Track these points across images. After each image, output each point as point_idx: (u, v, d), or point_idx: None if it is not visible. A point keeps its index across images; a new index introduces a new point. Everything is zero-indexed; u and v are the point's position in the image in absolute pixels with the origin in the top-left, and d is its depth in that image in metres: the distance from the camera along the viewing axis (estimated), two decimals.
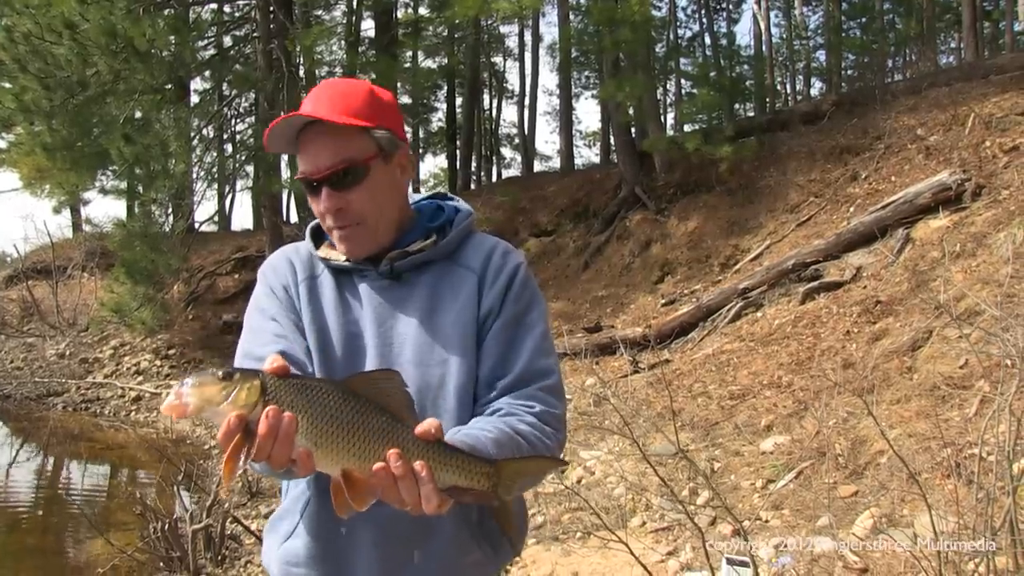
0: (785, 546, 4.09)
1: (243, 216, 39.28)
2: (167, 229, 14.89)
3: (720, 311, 9.16)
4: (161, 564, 6.01)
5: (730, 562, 3.94)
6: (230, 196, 19.97)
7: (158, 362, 15.22)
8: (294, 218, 22.19)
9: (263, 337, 1.67)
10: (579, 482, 5.41)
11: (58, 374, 15.42)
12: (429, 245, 1.70)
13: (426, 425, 1.28)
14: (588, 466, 5.42)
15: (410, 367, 1.62)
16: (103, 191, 17.05)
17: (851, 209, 9.88)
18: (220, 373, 1.19)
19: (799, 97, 26.09)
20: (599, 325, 10.54)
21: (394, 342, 1.66)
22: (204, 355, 15.04)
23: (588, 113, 50.13)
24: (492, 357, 1.64)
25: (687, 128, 15.66)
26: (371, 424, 1.22)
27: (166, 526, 5.97)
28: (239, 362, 1.62)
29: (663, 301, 10.90)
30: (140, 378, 14.76)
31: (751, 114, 20.99)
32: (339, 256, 1.73)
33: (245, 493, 7.54)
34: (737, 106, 22.32)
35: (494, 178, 28.21)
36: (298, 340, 1.67)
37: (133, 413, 13.39)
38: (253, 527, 6.27)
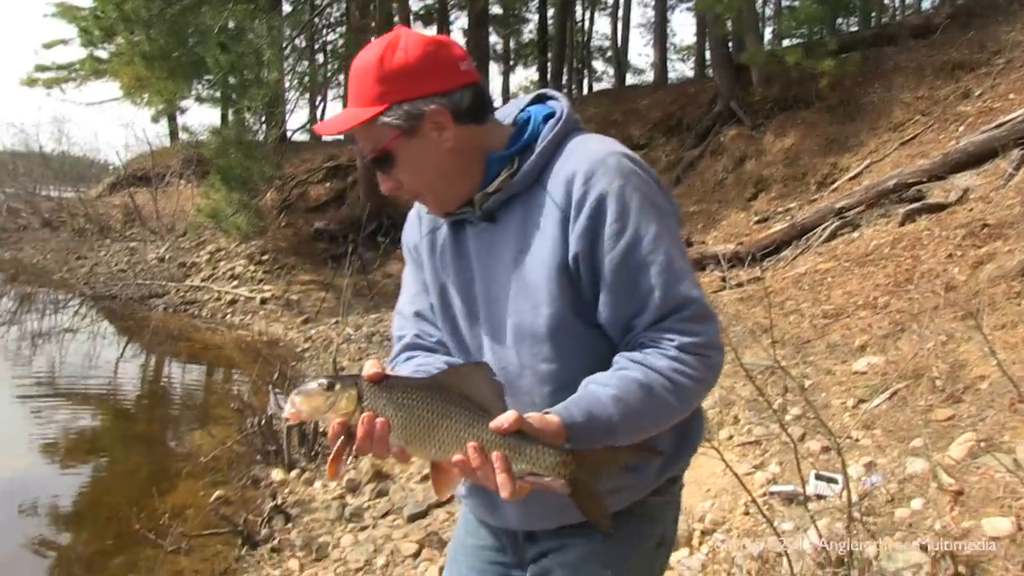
0: (875, 465, 4.04)
1: None
2: (260, 137, 15.12)
3: (815, 230, 8.92)
4: (258, 456, 6.29)
5: (819, 477, 3.92)
6: (322, 106, 20.15)
7: (252, 267, 15.65)
8: None
9: (405, 297, 1.83)
10: None
11: (158, 277, 16.02)
12: (506, 180, 1.59)
13: (500, 420, 1.34)
14: None
15: (507, 315, 1.61)
16: (199, 99, 17.33)
17: (960, 128, 9.41)
18: (325, 383, 1.37)
19: (908, 11, 24.81)
20: (689, 241, 10.40)
21: (493, 288, 1.63)
22: (296, 261, 15.40)
23: (683, 26, 48.63)
24: (619, 296, 1.52)
25: (787, 42, 15.03)
26: (452, 421, 1.36)
27: (262, 421, 6.22)
28: (398, 307, 1.84)
29: (756, 219, 10.68)
30: (235, 282, 15.23)
31: (855, 28, 20.07)
32: None
33: None
34: (840, 20, 21.34)
35: (585, 91, 27.76)
36: (426, 299, 1.77)
37: (228, 315, 13.86)
38: None
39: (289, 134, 17.50)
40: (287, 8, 16.65)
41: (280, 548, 4.92)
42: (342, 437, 1.39)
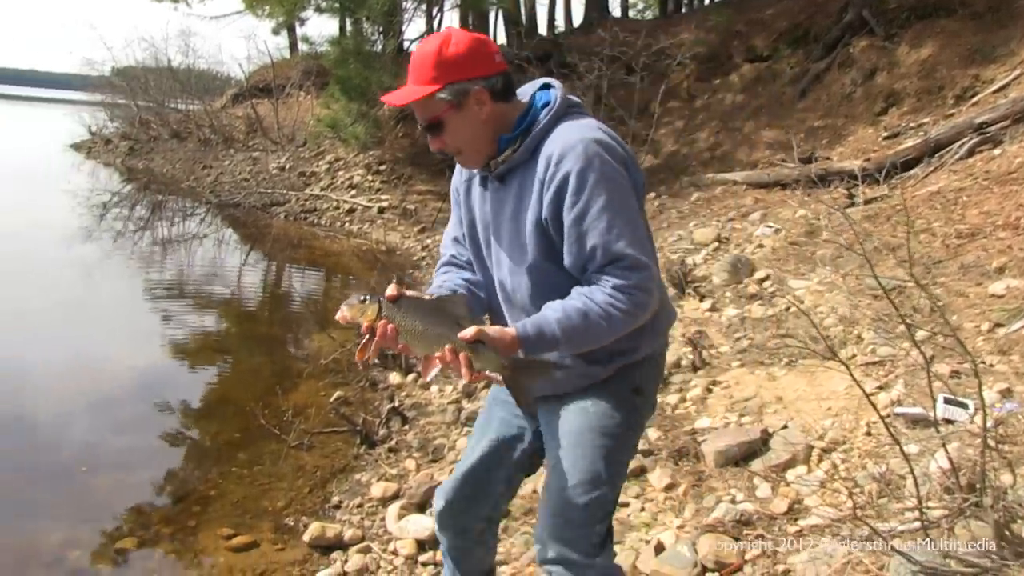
0: (1012, 392, 3.87)
1: None
2: (378, 48, 15.15)
3: (950, 146, 8.44)
4: (377, 360, 6.45)
5: (948, 401, 3.77)
6: (439, 16, 19.97)
7: (370, 177, 15.86)
8: (502, 38, 22.05)
9: (449, 226, 2.48)
10: (787, 310, 5.28)
11: (279, 186, 16.44)
12: (509, 155, 2.14)
13: (466, 332, 1.97)
14: (798, 295, 5.27)
15: (505, 257, 2.22)
16: (318, 10, 17.39)
17: None
18: (360, 298, 2.00)
19: None
20: (813, 156, 10.02)
21: (499, 232, 2.23)
22: (413, 171, 15.53)
23: None
24: (573, 252, 2.07)
25: None
26: (437, 331, 1.99)
27: None
28: (445, 231, 2.50)
29: (885, 134, 10.17)
30: (353, 191, 15.49)
31: None
32: None
33: None
34: None
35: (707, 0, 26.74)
36: (461, 229, 2.40)
37: (347, 224, 14.16)
38: None
39: (406, 44, 17.45)
40: None
41: (397, 448, 5.07)
42: (368, 336, 2.00)
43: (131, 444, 5.57)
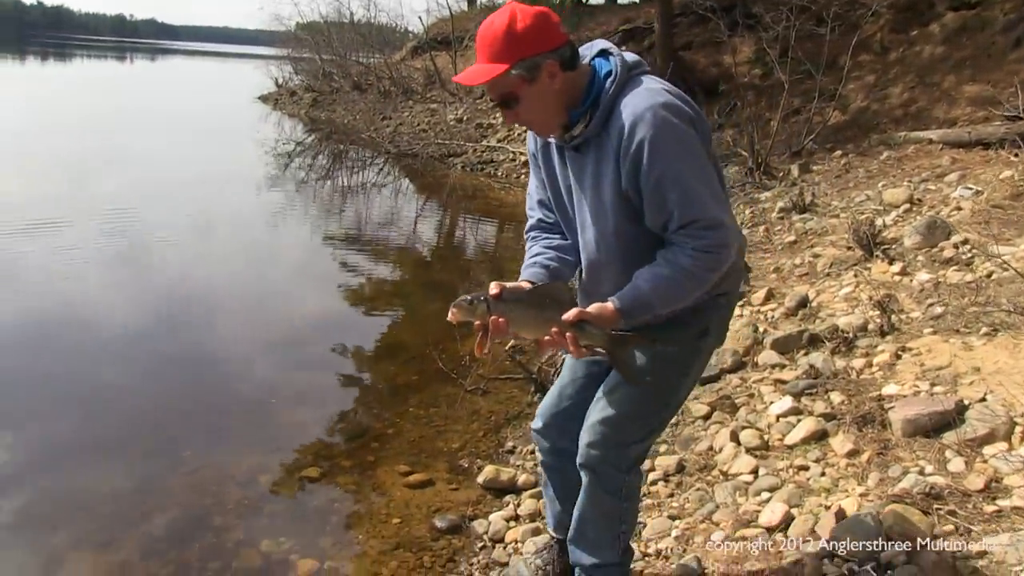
0: None
1: None
2: (556, 0, 15.05)
3: None
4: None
5: None
6: None
7: None
8: None
9: (531, 187, 2.64)
10: (988, 276, 4.93)
11: (456, 137, 16.72)
12: (582, 130, 2.25)
13: (568, 314, 2.16)
14: (1003, 261, 4.89)
15: (590, 221, 2.35)
16: None
17: None
18: (469, 299, 2.17)
19: None
20: None
21: (581, 198, 2.36)
22: None
23: None
24: (653, 213, 2.21)
25: None
26: (542, 317, 2.18)
27: None
28: (528, 191, 2.69)
29: None
30: None
31: None
32: None
33: None
34: None
35: None
36: (544, 191, 2.56)
37: (522, 176, 14.26)
38: None
39: None
40: None
41: None
42: (481, 332, 2.20)
43: (314, 382, 5.86)
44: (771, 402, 4.15)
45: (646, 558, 3.26)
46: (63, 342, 6.26)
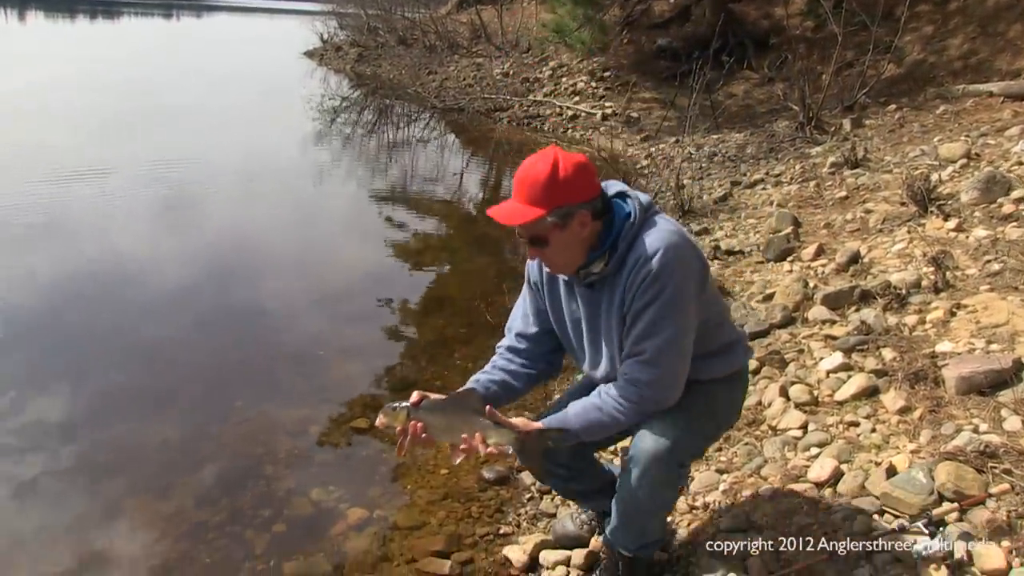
0: None
1: None
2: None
3: None
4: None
5: None
6: None
7: (593, 83, 15.69)
8: None
9: (518, 312, 2.76)
10: None
11: (502, 91, 16.58)
12: (601, 269, 2.39)
13: (487, 412, 2.37)
14: None
15: (603, 345, 2.51)
16: None
17: None
18: (392, 407, 2.39)
19: None
20: None
21: (594, 328, 2.51)
22: (637, 79, 15.21)
23: None
24: (625, 333, 2.41)
25: None
26: (455, 424, 2.39)
27: None
28: (512, 313, 2.79)
29: None
30: (576, 98, 15.41)
31: None
32: None
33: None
34: None
35: None
36: (532, 321, 2.69)
37: (569, 131, 14.16)
38: None
39: None
40: None
41: None
42: (402, 436, 2.38)
43: (362, 334, 5.93)
44: (821, 358, 4.11)
45: (693, 511, 3.27)
46: (117, 295, 6.40)
